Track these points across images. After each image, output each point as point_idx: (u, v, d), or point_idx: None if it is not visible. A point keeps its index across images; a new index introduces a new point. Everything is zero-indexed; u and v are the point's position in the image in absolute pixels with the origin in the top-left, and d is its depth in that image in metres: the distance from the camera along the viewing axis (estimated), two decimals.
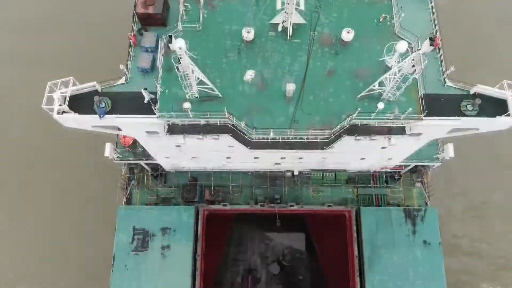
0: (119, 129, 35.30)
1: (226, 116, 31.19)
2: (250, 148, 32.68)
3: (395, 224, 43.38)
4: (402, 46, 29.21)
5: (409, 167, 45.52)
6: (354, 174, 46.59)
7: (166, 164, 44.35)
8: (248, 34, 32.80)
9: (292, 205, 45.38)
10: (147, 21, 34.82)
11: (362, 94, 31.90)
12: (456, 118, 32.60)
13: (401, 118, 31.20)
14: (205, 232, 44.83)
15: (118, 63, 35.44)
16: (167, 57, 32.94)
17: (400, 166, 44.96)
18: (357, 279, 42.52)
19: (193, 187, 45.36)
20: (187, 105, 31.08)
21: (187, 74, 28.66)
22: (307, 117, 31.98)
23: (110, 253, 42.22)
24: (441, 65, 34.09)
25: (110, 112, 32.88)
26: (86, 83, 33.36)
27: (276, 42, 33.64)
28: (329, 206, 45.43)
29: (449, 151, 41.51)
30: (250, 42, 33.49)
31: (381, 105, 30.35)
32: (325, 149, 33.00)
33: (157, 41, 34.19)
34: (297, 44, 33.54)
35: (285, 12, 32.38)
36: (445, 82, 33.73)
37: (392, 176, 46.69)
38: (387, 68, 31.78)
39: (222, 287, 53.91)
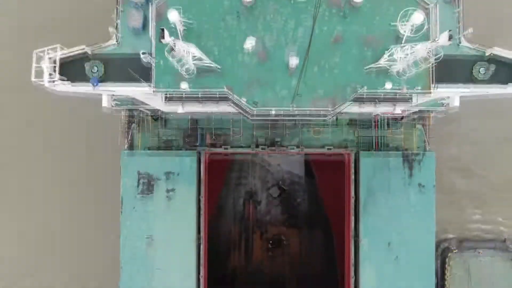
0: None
1: (225, 91, 29.93)
2: (251, 120, 32.07)
3: (393, 169, 44.32)
4: (417, 18, 26.85)
5: (412, 111, 44.81)
6: (356, 117, 46.07)
7: (166, 109, 43.74)
8: None
9: (293, 148, 45.92)
10: None
11: (370, 66, 30.01)
12: (466, 86, 31.49)
13: (408, 94, 29.97)
14: (207, 174, 46.21)
15: (106, 20, 32.83)
16: (159, 21, 30.16)
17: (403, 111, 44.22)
18: (352, 218, 45.16)
19: (194, 132, 45.44)
20: (184, 85, 29.61)
21: (184, 60, 26.70)
22: (310, 90, 30.61)
23: (117, 196, 44.19)
24: (459, 23, 31.49)
25: (104, 77, 31.70)
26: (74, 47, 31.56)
27: (278, 2, 30.35)
28: (329, 149, 45.96)
29: (455, 101, 40.38)
30: (250, 3, 30.25)
31: (389, 85, 28.96)
32: (327, 117, 32.37)
33: None
34: (302, 5, 30.29)
35: None
36: (460, 42, 31.63)
37: (394, 118, 46.17)
38: (399, 37, 29.35)
39: (224, 212, 57.46)
